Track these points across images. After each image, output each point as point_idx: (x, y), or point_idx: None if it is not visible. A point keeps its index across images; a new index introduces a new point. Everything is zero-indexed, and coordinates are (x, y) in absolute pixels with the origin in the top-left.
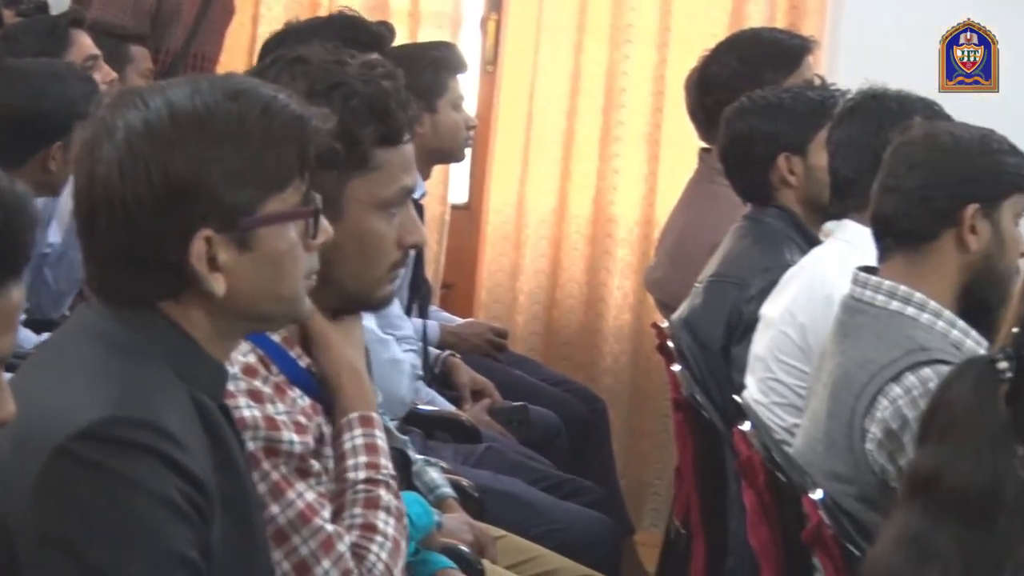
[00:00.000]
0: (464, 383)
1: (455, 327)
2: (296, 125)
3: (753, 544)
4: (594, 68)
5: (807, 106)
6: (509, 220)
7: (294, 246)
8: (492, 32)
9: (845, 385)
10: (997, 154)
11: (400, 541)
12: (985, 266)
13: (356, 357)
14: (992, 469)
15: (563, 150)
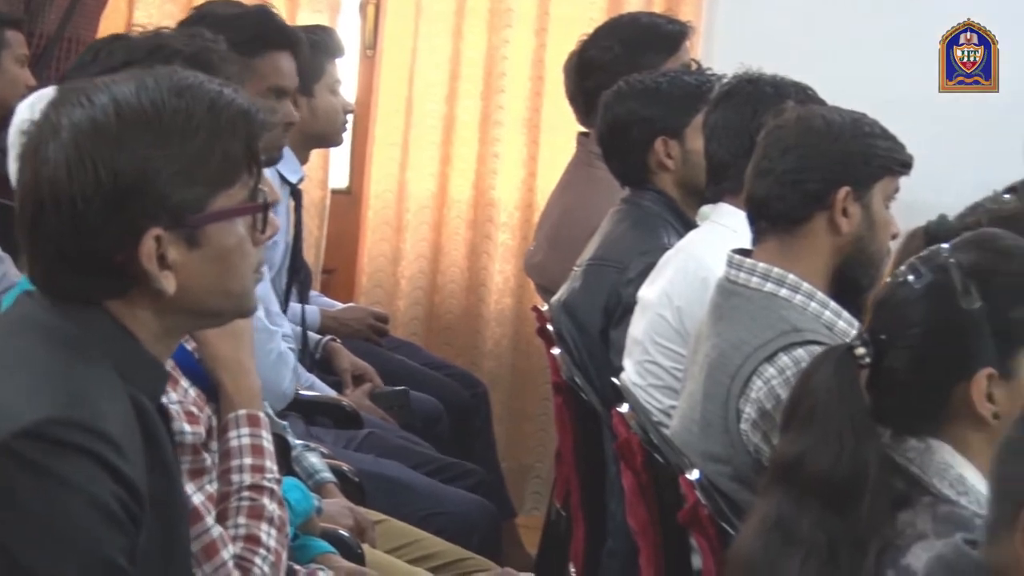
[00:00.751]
0: (345, 368)
1: (336, 312)
2: (243, 120)
3: (632, 524)
4: (473, 53)
5: (684, 91)
6: (390, 205)
7: (243, 241)
8: (371, 16)
9: (720, 366)
10: (869, 138)
11: (281, 552)
12: (856, 248)
13: (236, 350)
14: (854, 454)
15: (443, 135)
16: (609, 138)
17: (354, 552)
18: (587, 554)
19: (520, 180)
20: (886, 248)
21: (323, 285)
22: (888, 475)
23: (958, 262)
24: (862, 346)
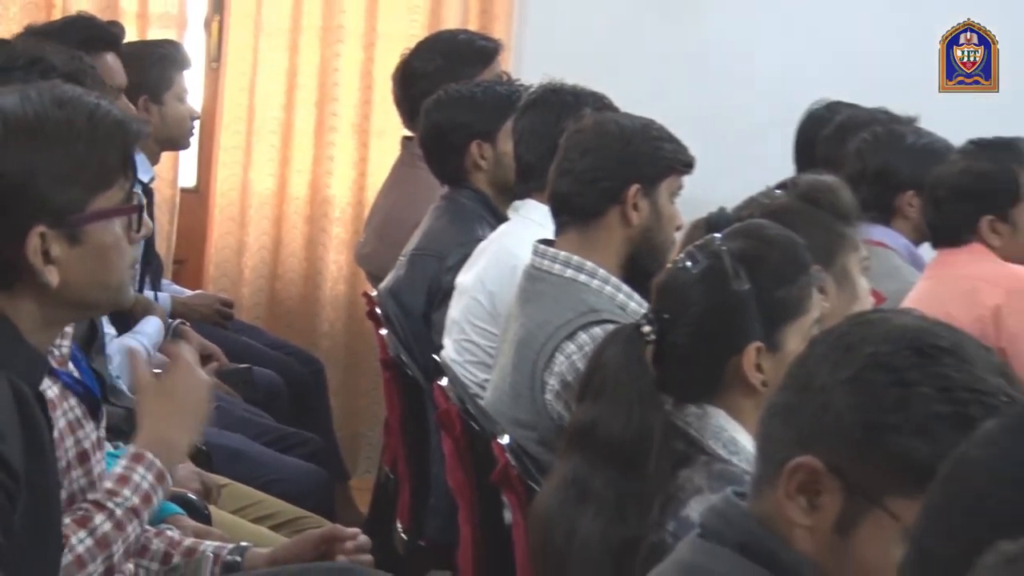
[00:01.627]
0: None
1: (186, 298)
2: (119, 130)
3: (451, 484)
4: (308, 66)
5: (495, 99)
6: (234, 202)
7: (119, 239)
8: (215, 32)
9: (527, 344)
10: (656, 141)
11: (86, 563)
12: (645, 238)
13: (161, 407)
14: (640, 420)
15: (282, 139)
16: (430, 141)
17: (201, 513)
18: (412, 511)
19: (351, 179)
20: (672, 238)
21: (174, 275)
22: (670, 438)
23: (729, 249)
24: (648, 324)
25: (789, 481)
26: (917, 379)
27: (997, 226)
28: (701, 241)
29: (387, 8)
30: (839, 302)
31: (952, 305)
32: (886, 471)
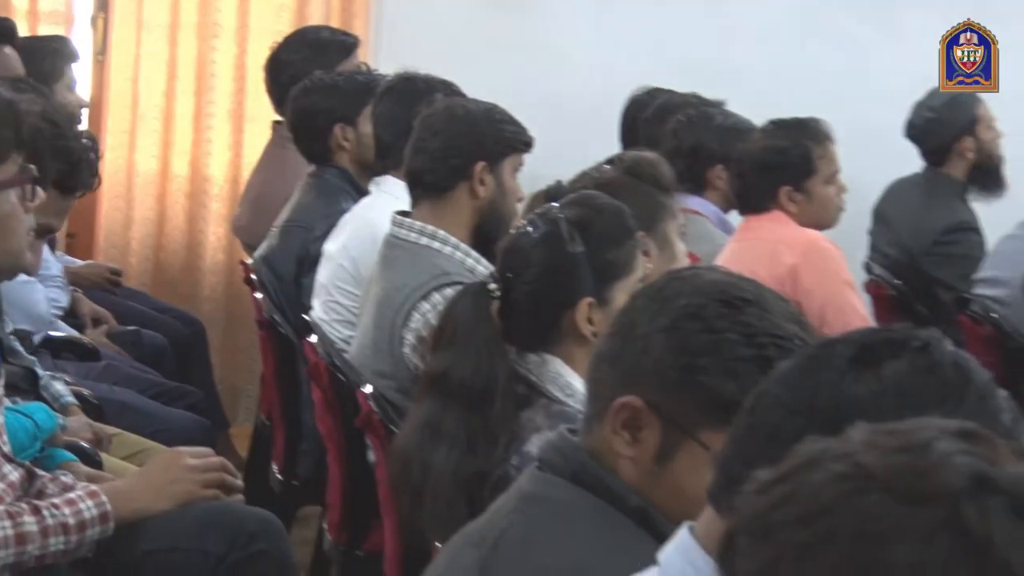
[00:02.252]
0: (86, 312)
1: (78, 267)
2: (8, 109)
3: (321, 430)
4: (187, 58)
5: (356, 87)
6: (121, 182)
7: (16, 208)
8: (101, 28)
9: (387, 303)
10: (499, 123)
11: (12, 545)
12: (491, 210)
13: (145, 474)
14: (487, 368)
15: (164, 124)
16: (297, 125)
17: (93, 460)
18: (286, 454)
19: (228, 160)
20: (514, 209)
21: (67, 247)
22: (513, 383)
23: (565, 216)
24: (493, 283)
25: (615, 418)
26: (724, 326)
27: (794, 195)
28: (540, 210)
29: (258, 6)
30: (660, 263)
31: (756, 264)
32: (698, 407)
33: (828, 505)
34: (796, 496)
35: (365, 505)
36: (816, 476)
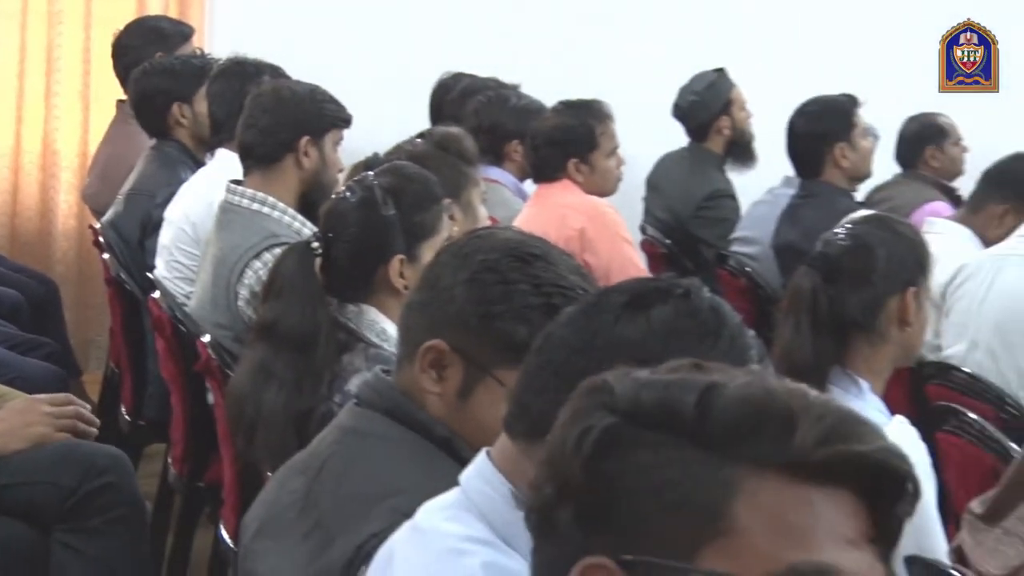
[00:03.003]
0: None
1: None
2: None
3: (164, 375)
4: (37, 43)
5: (192, 69)
6: None
7: None
8: None
9: (223, 262)
10: (321, 103)
11: None
12: (315, 179)
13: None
14: (312, 317)
15: (17, 103)
16: (139, 103)
17: None
18: (134, 398)
19: (77, 136)
20: (335, 178)
21: None
22: (335, 330)
23: (379, 184)
24: (316, 242)
25: (423, 359)
26: (516, 278)
27: (580, 167)
28: (358, 177)
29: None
30: (464, 225)
31: (548, 226)
32: (495, 348)
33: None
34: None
35: (205, 441)
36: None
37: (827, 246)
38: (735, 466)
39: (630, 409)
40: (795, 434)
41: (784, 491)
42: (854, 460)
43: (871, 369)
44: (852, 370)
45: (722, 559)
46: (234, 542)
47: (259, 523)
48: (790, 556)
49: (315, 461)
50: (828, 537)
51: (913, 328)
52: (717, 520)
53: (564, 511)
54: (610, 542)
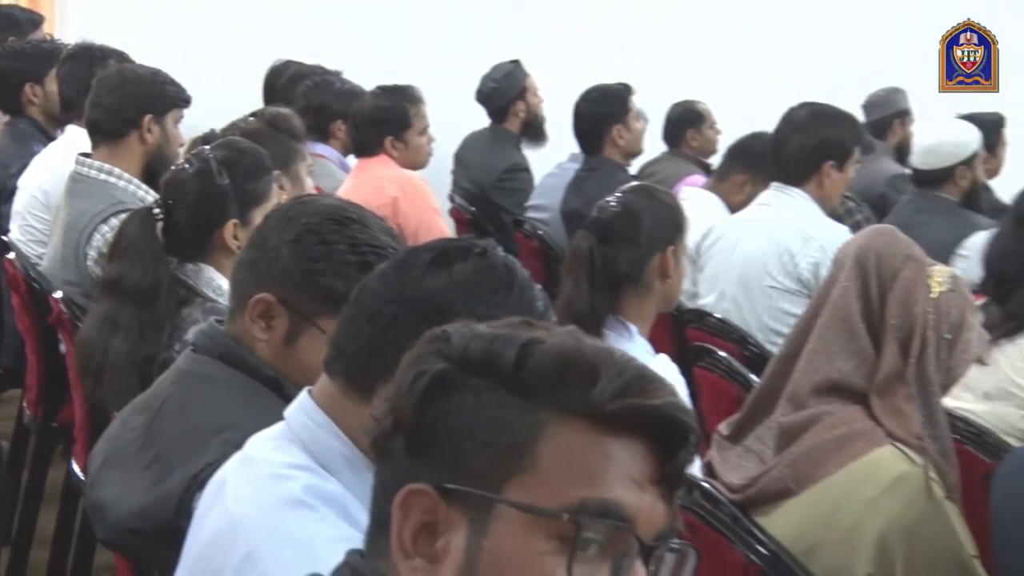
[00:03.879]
0: None
1: None
2: None
3: (20, 327)
4: None
5: (43, 53)
6: None
7: None
8: None
9: (73, 226)
10: (163, 84)
11: None
12: (157, 152)
13: None
14: (154, 274)
15: None
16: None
17: None
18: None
19: None
20: (176, 152)
21: None
22: (175, 286)
23: (215, 156)
24: (158, 208)
25: (252, 310)
26: (335, 239)
27: (396, 144)
28: (196, 151)
29: None
30: (292, 194)
31: (367, 196)
32: (316, 301)
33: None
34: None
35: (57, 386)
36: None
37: (601, 212)
38: (542, 412)
39: (460, 357)
40: (595, 387)
41: (582, 436)
42: (645, 413)
43: (639, 316)
44: (623, 317)
45: (524, 491)
46: (85, 475)
47: (104, 456)
48: (582, 492)
49: (155, 401)
50: (617, 478)
51: (673, 280)
52: (523, 458)
53: (397, 442)
54: (433, 471)
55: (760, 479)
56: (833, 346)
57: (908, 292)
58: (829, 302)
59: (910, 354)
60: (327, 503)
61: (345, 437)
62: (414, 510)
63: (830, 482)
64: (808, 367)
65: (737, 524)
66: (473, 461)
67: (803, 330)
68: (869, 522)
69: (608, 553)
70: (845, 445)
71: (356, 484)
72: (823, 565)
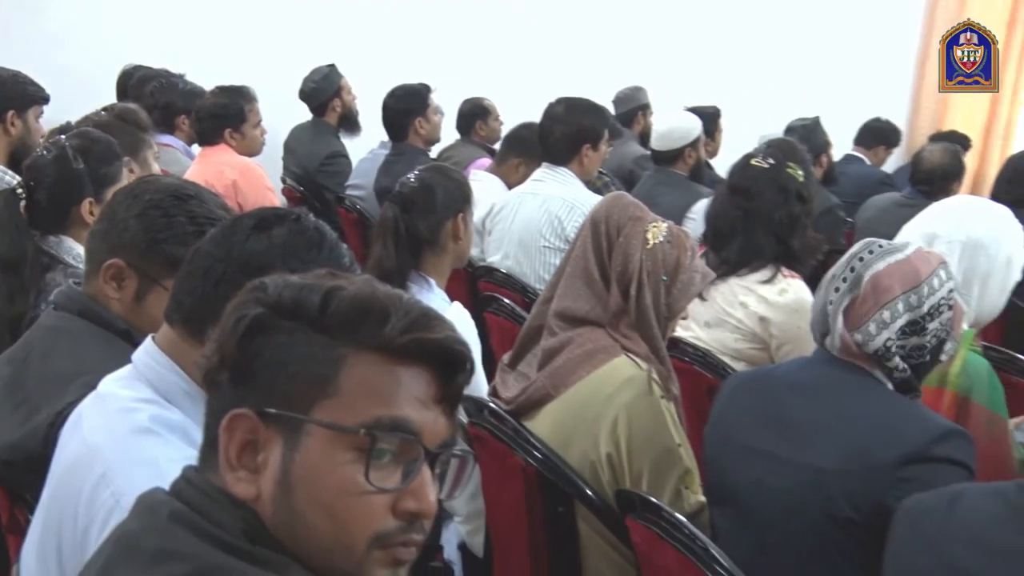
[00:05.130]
0: None
1: None
2: None
3: None
4: None
5: None
6: None
7: None
8: None
9: None
10: (23, 84)
11: None
12: (21, 143)
13: None
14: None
15: None
16: None
17: None
18: None
19: None
20: (37, 141)
21: None
22: (39, 255)
23: (71, 144)
24: (21, 188)
25: (105, 273)
26: (175, 213)
27: (234, 135)
28: (53, 139)
29: None
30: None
31: (210, 179)
32: (161, 265)
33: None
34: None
35: None
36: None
37: (402, 187)
38: (343, 347)
39: (274, 303)
40: (387, 325)
41: (377, 366)
42: (429, 345)
43: (437, 272)
44: (424, 273)
45: (329, 413)
46: None
47: None
48: (377, 411)
49: (22, 352)
50: (406, 399)
51: (463, 241)
52: (327, 385)
53: (224, 375)
54: (253, 398)
55: (527, 389)
56: (577, 289)
57: (628, 245)
58: (573, 255)
59: (630, 294)
60: (171, 430)
61: (184, 374)
62: (238, 431)
63: (580, 385)
64: (560, 306)
65: (518, 435)
66: (286, 389)
67: (556, 278)
68: (606, 412)
69: (400, 460)
70: (591, 357)
71: (195, 413)
72: (577, 451)
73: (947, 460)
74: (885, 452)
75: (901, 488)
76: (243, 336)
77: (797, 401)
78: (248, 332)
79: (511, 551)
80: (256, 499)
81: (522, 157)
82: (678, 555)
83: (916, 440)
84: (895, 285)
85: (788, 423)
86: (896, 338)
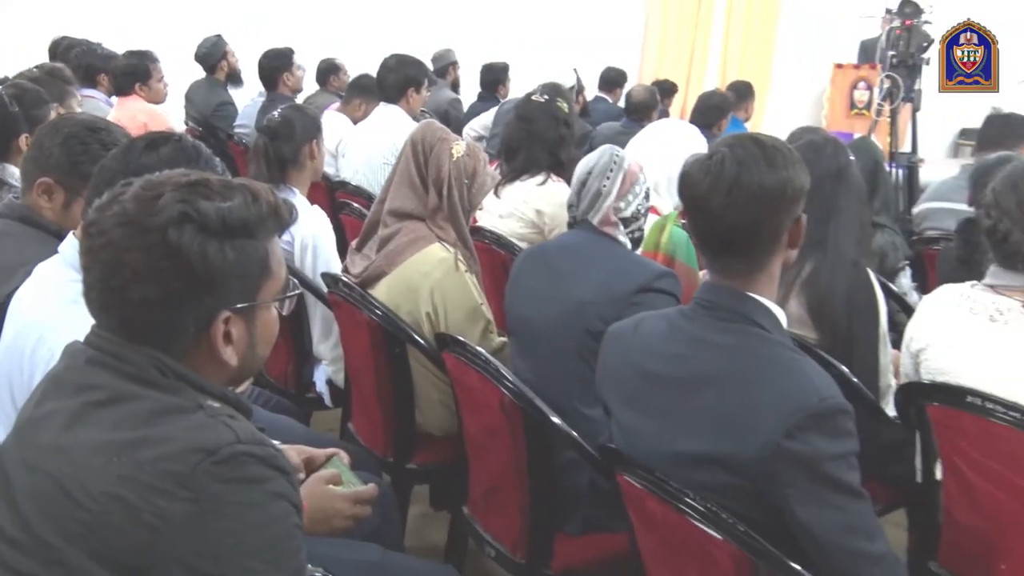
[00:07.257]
0: None
1: None
2: None
3: None
4: None
5: None
6: None
7: None
8: None
9: None
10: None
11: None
12: None
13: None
14: None
15: None
16: None
17: None
18: None
19: None
20: None
21: None
22: None
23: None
24: None
25: (37, 189)
26: (90, 141)
27: (143, 88)
28: None
29: None
30: None
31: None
32: (81, 181)
33: (107, 228)
34: (99, 221)
35: None
36: (110, 208)
37: (270, 121)
38: (265, 241)
39: (217, 228)
40: (281, 218)
41: (276, 243)
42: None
43: (299, 183)
44: (291, 185)
45: (268, 291)
46: None
47: None
48: (284, 274)
49: None
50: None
51: (317, 160)
52: (266, 273)
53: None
54: (223, 301)
55: (369, 267)
56: (404, 192)
57: (439, 158)
58: (399, 167)
59: (442, 194)
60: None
61: None
62: (223, 325)
63: (406, 264)
64: (391, 205)
65: (364, 299)
66: (242, 286)
67: (387, 184)
68: (425, 284)
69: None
70: (414, 243)
71: None
72: (404, 311)
73: (663, 291)
74: (624, 285)
75: (632, 308)
76: (202, 260)
77: (566, 258)
78: (204, 256)
79: (363, 382)
80: (232, 359)
81: (363, 98)
82: (479, 375)
83: (643, 277)
84: (638, 175)
85: (561, 273)
86: (636, 206)
